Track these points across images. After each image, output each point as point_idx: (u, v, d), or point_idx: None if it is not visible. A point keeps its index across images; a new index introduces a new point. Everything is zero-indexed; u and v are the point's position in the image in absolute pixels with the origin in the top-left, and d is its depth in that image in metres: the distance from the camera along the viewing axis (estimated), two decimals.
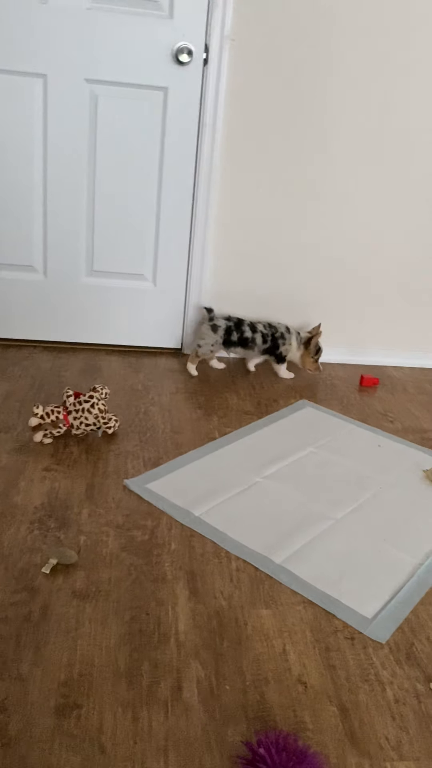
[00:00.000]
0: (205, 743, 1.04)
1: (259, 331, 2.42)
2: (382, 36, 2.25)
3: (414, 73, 2.31)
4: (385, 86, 2.32)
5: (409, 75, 2.31)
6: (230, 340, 2.39)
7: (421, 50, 2.28)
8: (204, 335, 2.39)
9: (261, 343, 2.42)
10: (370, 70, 2.29)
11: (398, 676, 1.20)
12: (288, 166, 2.40)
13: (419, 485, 1.83)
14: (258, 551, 1.49)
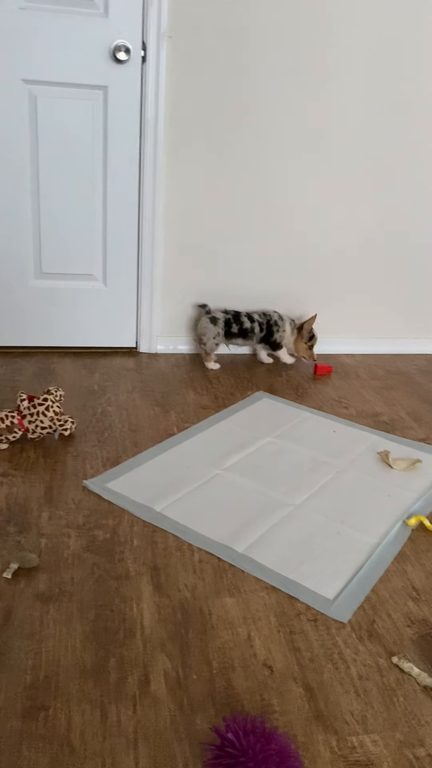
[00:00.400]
0: (174, 733, 1.05)
1: (255, 320, 2.49)
2: (316, 25, 2.28)
3: (349, 61, 2.35)
4: (321, 76, 2.35)
5: (344, 64, 2.35)
6: (231, 332, 2.47)
7: (357, 35, 2.32)
8: (205, 330, 2.45)
9: (259, 332, 2.50)
10: (306, 60, 2.32)
11: (361, 653, 1.23)
12: (232, 159, 2.42)
13: (374, 467, 1.88)
14: (220, 542, 1.50)
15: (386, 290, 2.74)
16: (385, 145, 2.49)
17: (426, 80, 2.42)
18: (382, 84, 2.40)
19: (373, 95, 2.41)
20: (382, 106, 2.43)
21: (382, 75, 2.38)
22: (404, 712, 1.12)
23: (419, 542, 1.56)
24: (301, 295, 2.68)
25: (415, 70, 2.40)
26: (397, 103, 2.44)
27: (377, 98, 2.42)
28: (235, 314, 2.48)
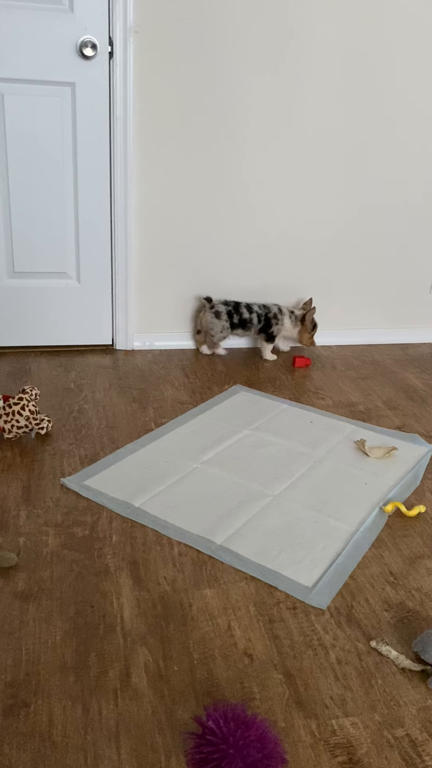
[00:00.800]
0: (156, 724, 1.06)
1: (254, 311, 2.54)
2: (287, 19, 2.29)
3: (318, 56, 2.36)
4: (294, 69, 2.36)
5: (314, 58, 2.36)
6: (232, 323, 2.52)
7: (330, 30, 2.33)
8: (211, 325, 2.51)
9: (257, 323, 2.54)
10: (275, 53, 2.33)
11: (340, 638, 1.25)
12: (204, 154, 2.42)
13: (351, 456, 1.89)
14: (199, 534, 1.51)
15: (361, 283, 2.76)
16: (359, 140, 2.51)
17: (397, 73, 2.44)
18: (354, 76, 2.41)
19: (346, 87, 2.42)
20: (355, 99, 2.45)
21: (355, 68, 2.40)
22: (383, 694, 1.13)
23: (396, 528, 1.58)
24: (277, 288, 2.69)
25: (386, 64, 2.42)
26: (370, 95, 2.45)
27: (350, 90, 2.43)
28: (235, 305, 2.53)
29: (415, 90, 2.49)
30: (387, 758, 1.02)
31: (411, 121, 2.53)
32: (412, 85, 2.48)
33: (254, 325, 2.54)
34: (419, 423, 2.13)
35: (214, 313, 2.50)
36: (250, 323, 2.54)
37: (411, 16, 2.37)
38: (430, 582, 1.40)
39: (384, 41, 2.39)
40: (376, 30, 2.37)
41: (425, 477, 1.81)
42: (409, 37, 2.40)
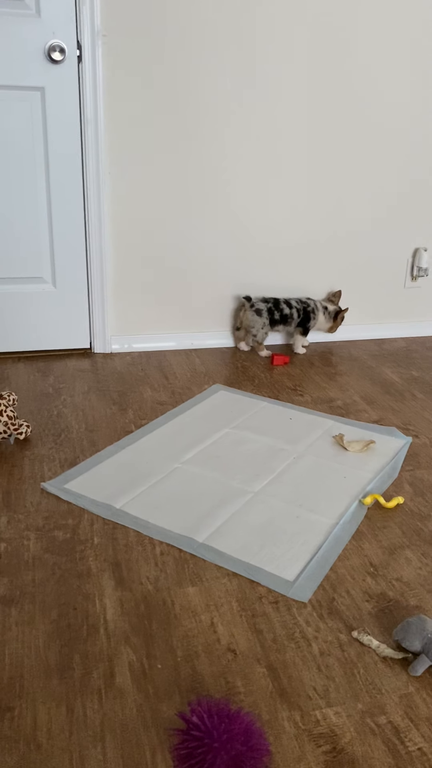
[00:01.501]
0: (141, 723, 1.06)
1: (294, 306, 2.61)
2: (256, 21, 2.30)
3: (289, 55, 2.38)
4: (262, 69, 2.38)
5: (285, 56, 2.38)
6: (273, 319, 2.58)
7: (299, 31, 2.36)
8: (253, 323, 2.58)
9: (296, 318, 2.61)
10: (245, 52, 2.34)
11: (322, 630, 1.26)
12: (176, 155, 2.42)
13: (330, 450, 1.91)
14: (181, 533, 1.52)
15: (336, 280, 2.78)
16: (331, 139, 2.53)
17: (368, 73, 2.47)
18: (325, 73, 2.44)
19: (317, 86, 2.45)
20: (326, 100, 2.47)
21: (324, 63, 2.42)
22: (365, 683, 1.15)
23: (375, 520, 1.60)
24: (252, 288, 2.70)
25: (356, 61, 2.44)
26: (341, 95, 2.48)
27: (321, 90, 2.45)
28: (275, 302, 2.60)
29: (389, 90, 2.52)
30: (370, 746, 1.03)
31: (384, 120, 2.56)
32: (386, 85, 2.51)
33: (294, 320, 2.63)
34: (396, 416, 2.16)
35: (255, 311, 2.57)
36: (290, 318, 2.62)
37: (384, 15, 2.40)
38: (409, 571, 1.42)
39: (357, 40, 2.41)
40: (349, 29, 2.39)
41: (403, 469, 1.83)
42: (382, 38, 2.43)
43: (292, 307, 2.61)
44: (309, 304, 2.65)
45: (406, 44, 2.47)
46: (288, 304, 2.61)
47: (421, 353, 2.75)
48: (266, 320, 2.58)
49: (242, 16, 2.29)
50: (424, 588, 1.37)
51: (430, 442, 1.99)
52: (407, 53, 2.49)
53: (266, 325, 2.59)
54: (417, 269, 2.83)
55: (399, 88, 2.54)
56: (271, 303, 2.59)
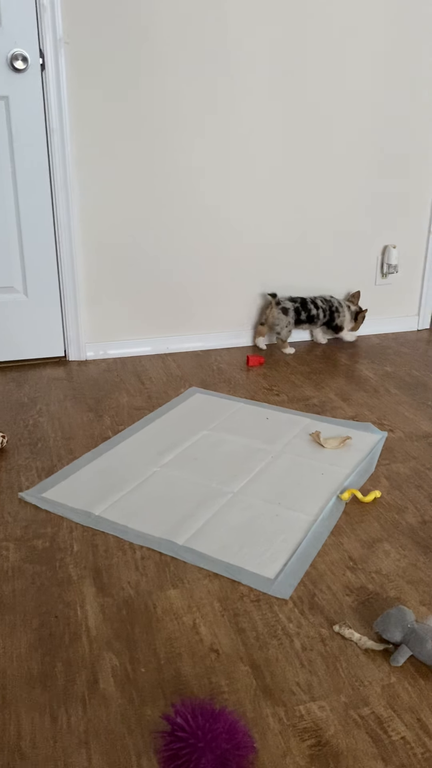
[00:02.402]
0: (126, 727, 1.06)
1: (320, 306, 2.67)
2: (219, 24, 2.32)
3: (252, 55, 2.40)
4: (226, 74, 2.40)
5: (247, 59, 2.40)
6: (300, 319, 2.65)
7: (262, 26, 2.38)
8: (278, 320, 2.64)
9: (322, 317, 2.68)
10: (210, 54, 2.36)
11: (304, 626, 1.27)
12: (144, 160, 2.43)
13: (308, 448, 1.93)
14: (161, 537, 1.52)
15: (308, 280, 2.81)
16: (299, 143, 2.56)
17: (337, 74, 2.50)
18: (288, 79, 2.46)
19: (280, 89, 2.47)
20: (296, 102, 2.49)
21: (288, 69, 2.44)
22: (348, 676, 1.16)
23: (353, 514, 1.61)
24: (224, 290, 2.72)
25: (323, 63, 2.47)
26: (312, 96, 2.50)
27: (291, 93, 2.48)
28: (302, 301, 2.66)
29: (358, 91, 2.55)
30: (354, 737, 1.04)
31: (354, 122, 2.59)
32: (355, 86, 2.54)
33: (320, 319, 2.70)
34: (372, 412, 2.18)
35: (282, 309, 2.62)
36: (317, 318, 2.69)
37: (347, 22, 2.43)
38: (388, 564, 1.44)
39: (323, 43, 2.44)
40: (316, 28, 2.42)
41: (379, 463, 1.85)
42: (346, 43, 2.46)
43: (318, 307, 2.68)
44: (333, 303, 2.72)
45: (370, 48, 2.51)
46: (314, 304, 2.68)
47: (394, 349, 2.79)
48: (291, 319, 2.64)
49: (209, 19, 2.30)
50: (403, 579, 1.39)
51: (405, 435, 2.02)
52: (372, 56, 2.53)
53: (290, 324, 2.65)
54: (387, 266, 2.87)
55: (368, 89, 2.57)
56: (299, 303, 2.66)
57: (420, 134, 2.72)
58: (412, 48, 2.57)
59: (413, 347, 2.81)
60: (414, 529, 1.56)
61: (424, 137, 2.74)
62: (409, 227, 2.87)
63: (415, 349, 2.78)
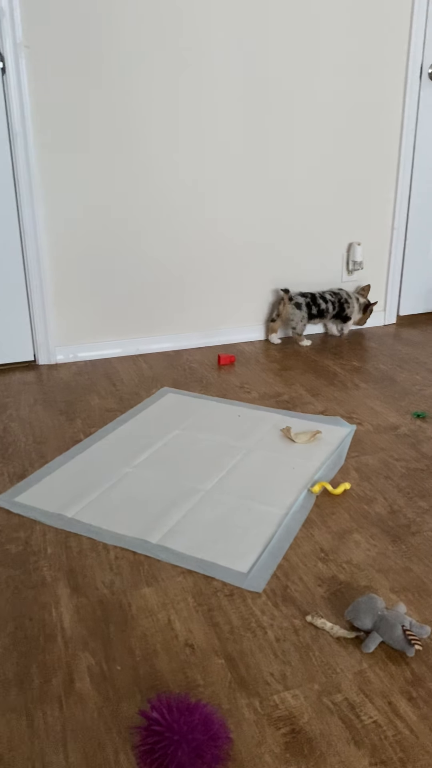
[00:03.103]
0: (103, 724, 1.07)
1: (329, 301, 2.74)
2: (181, 22, 2.33)
3: (218, 59, 2.42)
4: (190, 70, 2.41)
5: (205, 60, 2.42)
6: (311, 313, 2.71)
7: (225, 32, 2.39)
8: (292, 316, 2.73)
9: (332, 311, 2.75)
10: (175, 57, 2.37)
11: (277, 618, 1.29)
12: (109, 161, 2.43)
13: (278, 444, 1.95)
14: (134, 536, 1.53)
15: (276, 279, 2.83)
16: (263, 141, 2.58)
17: (300, 74, 2.53)
18: (257, 77, 2.48)
19: (248, 89, 2.49)
20: (261, 100, 2.52)
21: (255, 72, 2.47)
22: (320, 664, 1.18)
23: (324, 507, 1.64)
24: (194, 290, 2.73)
25: (287, 61, 2.50)
26: (276, 95, 2.53)
27: (255, 92, 2.50)
28: (312, 296, 2.73)
29: (321, 90, 2.58)
30: (328, 723, 1.07)
31: (317, 121, 2.63)
32: (318, 86, 2.57)
33: (330, 312, 2.76)
34: (340, 406, 2.21)
35: (295, 304, 2.69)
36: (326, 312, 2.76)
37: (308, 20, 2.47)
38: (358, 554, 1.47)
39: (289, 40, 2.47)
40: (279, 35, 2.44)
41: (349, 456, 1.88)
42: (309, 41, 2.49)
43: (327, 301, 2.75)
44: (341, 295, 2.79)
45: (334, 46, 2.54)
46: (323, 298, 2.75)
47: (362, 344, 2.83)
48: (305, 314, 2.71)
49: (171, 18, 2.31)
50: (374, 568, 1.42)
51: (374, 428, 2.05)
52: (335, 55, 2.56)
53: (305, 318, 2.72)
54: (352, 263, 2.91)
55: (330, 89, 2.61)
56: (309, 298, 2.73)
57: (384, 133, 2.77)
58: (377, 38, 2.62)
59: (380, 342, 2.85)
60: (383, 519, 1.59)
61: (388, 136, 2.78)
62: (373, 224, 2.91)
63: (382, 344, 2.82)
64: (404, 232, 2.98)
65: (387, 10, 2.58)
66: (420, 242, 3.03)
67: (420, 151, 2.86)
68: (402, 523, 1.58)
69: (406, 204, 2.93)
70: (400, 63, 2.68)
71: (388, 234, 2.95)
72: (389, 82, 2.70)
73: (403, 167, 2.85)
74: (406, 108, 2.75)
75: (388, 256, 2.99)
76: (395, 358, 2.64)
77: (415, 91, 2.75)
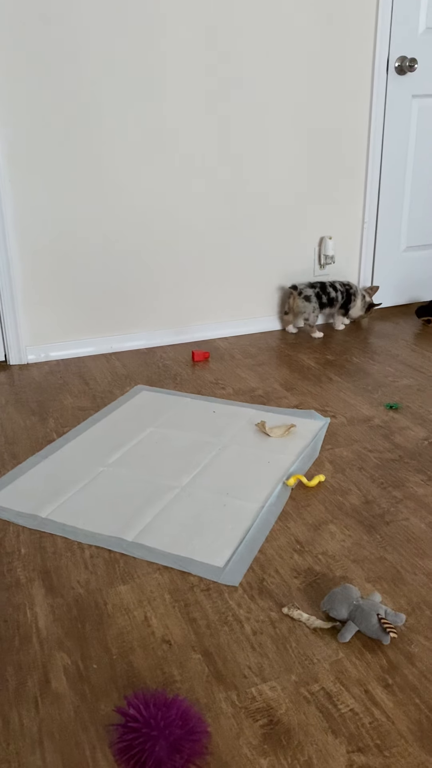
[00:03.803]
0: (80, 723, 1.06)
1: (338, 289, 2.77)
2: (143, 15, 2.32)
3: (182, 53, 2.41)
4: (153, 68, 2.40)
5: (171, 56, 2.41)
6: (321, 303, 2.74)
7: (188, 32, 2.39)
8: (304, 309, 2.77)
9: (341, 300, 2.78)
10: (138, 53, 2.36)
11: (254, 611, 1.29)
12: (76, 161, 2.41)
13: (253, 438, 1.95)
14: (110, 535, 1.52)
15: (248, 275, 2.84)
16: (233, 135, 2.58)
17: (269, 68, 2.53)
18: (224, 71, 2.48)
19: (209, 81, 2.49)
20: (230, 95, 2.51)
21: (218, 61, 2.46)
22: (297, 656, 1.18)
23: (299, 499, 1.65)
24: (166, 287, 2.72)
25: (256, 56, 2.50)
26: (243, 89, 2.53)
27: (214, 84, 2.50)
28: (321, 286, 2.76)
29: (290, 85, 2.59)
30: (305, 713, 1.07)
31: (287, 116, 2.63)
32: (286, 80, 2.58)
33: (339, 302, 2.80)
34: (315, 399, 2.22)
35: (304, 298, 2.72)
36: (336, 301, 2.79)
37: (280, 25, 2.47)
38: (333, 545, 1.47)
39: (256, 38, 2.47)
40: (246, 31, 2.44)
41: (323, 448, 1.89)
42: (278, 41, 2.49)
43: (337, 290, 2.79)
44: (351, 286, 2.83)
45: (301, 42, 2.55)
46: (333, 287, 2.78)
47: (335, 338, 2.84)
48: (316, 305, 2.75)
49: (133, 13, 2.30)
50: (349, 558, 1.43)
51: (347, 420, 2.06)
52: (303, 50, 2.57)
53: (317, 309, 2.76)
54: (324, 257, 2.92)
55: (299, 84, 2.61)
56: (318, 288, 2.76)
57: (352, 127, 2.79)
58: (344, 33, 2.63)
59: (353, 335, 2.87)
60: (357, 510, 1.60)
61: (357, 130, 2.80)
62: (344, 219, 2.93)
63: (355, 337, 2.84)
64: (375, 226, 3.00)
65: (353, 4, 2.60)
66: (391, 235, 3.06)
67: (388, 144, 2.89)
68: (376, 513, 1.59)
69: (376, 197, 2.95)
70: (366, 57, 2.70)
71: (359, 228, 2.97)
72: (357, 76, 2.72)
73: (372, 161, 2.87)
74: (374, 102, 2.77)
75: (360, 250, 3.01)
76: (368, 351, 2.66)
77: (382, 84, 2.77)
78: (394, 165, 2.94)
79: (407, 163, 2.96)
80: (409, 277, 3.19)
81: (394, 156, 2.92)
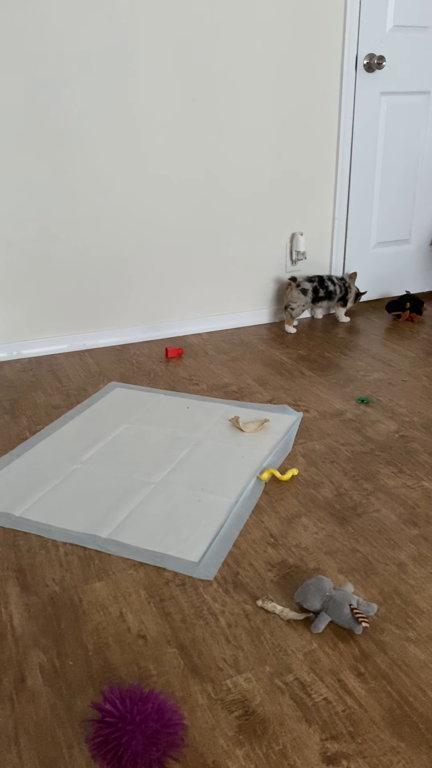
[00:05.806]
0: (56, 720, 1.06)
1: (336, 283, 2.83)
2: (110, 17, 2.31)
3: (150, 48, 2.41)
4: (125, 69, 2.39)
5: (140, 68, 2.40)
6: (318, 296, 2.80)
7: (161, 30, 2.38)
8: (295, 299, 2.81)
9: (339, 293, 2.85)
10: (106, 53, 2.34)
11: (228, 604, 1.30)
12: (47, 154, 2.39)
13: (227, 433, 1.96)
14: (84, 532, 1.52)
15: (221, 271, 2.84)
16: (202, 130, 2.58)
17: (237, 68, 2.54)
18: (193, 69, 2.48)
19: (178, 75, 2.48)
20: (198, 93, 2.51)
21: (187, 56, 2.46)
22: (272, 647, 1.20)
23: (272, 493, 1.67)
24: (138, 284, 2.72)
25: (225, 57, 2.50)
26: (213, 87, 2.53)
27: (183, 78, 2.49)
28: (319, 280, 2.81)
29: (258, 83, 2.59)
30: (279, 703, 1.09)
31: (255, 113, 2.64)
32: (254, 80, 2.58)
33: (337, 295, 2.86)
34: (288, 394, 2.24)
35: (301, 290, 2.78)
36: (335, 294, 2.86)
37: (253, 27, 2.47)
38: (307, 537, 1.49)
39: (223, 38, 2.47)
40: (216, 26, 2.44)
41: (296, 442, 1.91)
42: (246, 40, 2.50)
43: (335, 283, 2.85)
44: (346, 280, 2.91)
45: (271, 37, 2.56)
46: (331, 281, 2.85)
47: (307, 333, 2.87)
48: (308, 299, 2.81)
49: (101, 14, 2.29)
50: (321, 551, 1.45)
51: (320, 414, 2.09)
52: (272, 46, 2.58)
53: (307, 303, 2.81)
54: (296, 253, 2.94)
55: (268, 81, 2.62)
56: (316, 281, 2.82)
57: (322, 123, 2.81)
58: (312, 30, 2.65)
59: (325, 330, 2.90)
60: (330, 502, 1.62)
61: (327, 126, 2.82)
62: (315, 214, 2.95)
63: (327, 332, 2.87)
64: (345, 222, 3.03)
65: (321, 3, 2.61)
66: (361, 231, 3.09)
67: (358, 140, 2.92)
68: (348, 505, 1.61)
69: (347, 193, 2.98)
70: (335, 55, 2.72)
71: (329, 223, 3.00)
72: (326, 72, 2.73)
73: (342, 156, 2.90)
74: (343, 98, 2.80)
75: (331, 246, 3.04)
76: (340, 346, 2.69)
77: (351, 82, 2.79)
78: (363, 162, 2.97)
79: (377, 159, 2.99)
80: (379, 273, 3.22)
81: (363, 153, 2.95)
